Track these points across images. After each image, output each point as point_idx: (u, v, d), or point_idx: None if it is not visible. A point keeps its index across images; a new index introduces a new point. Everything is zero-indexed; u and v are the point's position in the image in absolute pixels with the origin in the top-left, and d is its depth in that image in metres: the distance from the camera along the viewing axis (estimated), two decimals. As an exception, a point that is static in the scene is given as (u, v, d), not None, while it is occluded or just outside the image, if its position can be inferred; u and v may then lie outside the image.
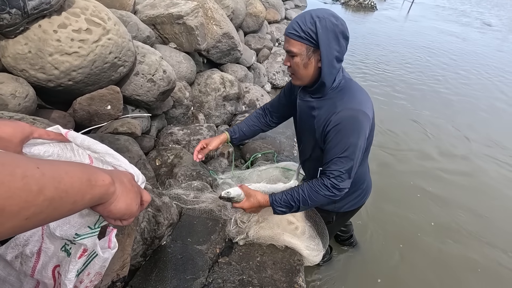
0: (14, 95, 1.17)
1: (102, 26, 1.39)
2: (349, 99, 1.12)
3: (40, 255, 0.68)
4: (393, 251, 2.19)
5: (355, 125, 1.09)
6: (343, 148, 1.11)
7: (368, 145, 1.25)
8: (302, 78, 1.16)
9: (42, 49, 1.25)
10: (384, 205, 2.56)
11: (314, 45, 1.06)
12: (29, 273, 0.68)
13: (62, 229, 0.62)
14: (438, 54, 7.16)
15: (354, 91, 1.15)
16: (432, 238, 2.33)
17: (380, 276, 2.00)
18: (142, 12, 2.40)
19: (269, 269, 1.37)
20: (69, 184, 0.39)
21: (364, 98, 1.15)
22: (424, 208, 2.62)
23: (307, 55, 1.08)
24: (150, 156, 1.82)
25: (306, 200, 1.20)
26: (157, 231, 1.15)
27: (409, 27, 9.90)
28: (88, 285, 0.73)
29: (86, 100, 1.50)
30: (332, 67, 1.09)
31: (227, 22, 2.86)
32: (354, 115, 1.09)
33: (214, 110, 2.61)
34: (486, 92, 5.32)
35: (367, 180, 1.48)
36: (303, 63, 1.10)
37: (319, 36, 1.03)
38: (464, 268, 2.12)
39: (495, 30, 11.25)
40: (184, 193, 1.57)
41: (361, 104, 1.11)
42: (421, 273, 2.05)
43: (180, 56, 2.41)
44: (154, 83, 1.74)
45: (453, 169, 3.19)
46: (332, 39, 1.04)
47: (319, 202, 1.22)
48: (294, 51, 1.08)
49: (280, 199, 1.25)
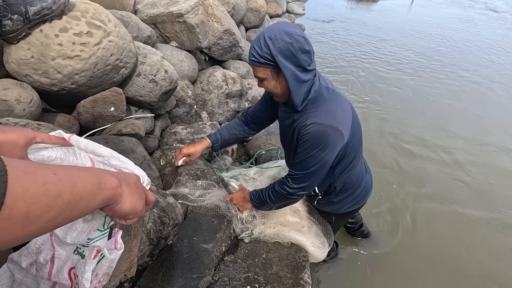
0: (19, 100, 1.19)
1: (102, 28, 1.40)
2: (320, 113, 1.12)
3: (54, 262, 0.70)
4: (404, 245, 2.18)
5: (322, 140, 1.11)
6: (305, 158, 1.16)
7: (352, 148, 1.27)
8: (279, 97, 1.19)
9: (45, 54, 1.26)
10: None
11: (275, 67, 1.06)
12: (46, 277, 0.70)
13: (72, 236, 0.65)
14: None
15: (329, 103, 1.14)
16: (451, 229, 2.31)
17: (388, 271, 2.01)
18: (143, 11, 2.40)
19: (275, 266, 1.38)
20: (82, 188, 0.42)
21: (339, 111, 1.14)
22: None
23: (273, 77, 1.10)
24: (154, 156, 1.84)
25: (270, 196, 1.34)
26: (162, 231, 1.17)
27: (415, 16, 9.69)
28: (96, 285, 0.76)
29: (90, 102, 1.51)
30: (300, 83, 1.09)
31: (227, 18, 2.84)
32: (323, 130, 1.10)
33: (217, 108, 2.62)
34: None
35: (364, 182, 1.48)
36: (272, 85, 1.12)
37: (276, 59, 1.03)
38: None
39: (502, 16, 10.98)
40: (190, 192, 1.59)
41: (334, 118, 1.11)
42: (433, 269, 2.05)
43: (182, 55, 2.41)
44: (156, 84, 1.74)
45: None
46: (290, 57, 1.03)
47: (280, 199, 1.32)
48: (260, 76, 1.11)
49: (255, 194, 1.42)
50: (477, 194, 2.70)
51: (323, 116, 1.11)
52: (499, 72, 5.48)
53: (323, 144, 1.11)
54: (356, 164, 1.39)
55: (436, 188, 2.73)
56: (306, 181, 1.23)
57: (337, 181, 1.39)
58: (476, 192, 2.73)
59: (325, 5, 9.48)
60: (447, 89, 4.69)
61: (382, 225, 2.33)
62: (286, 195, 1.28)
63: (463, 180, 2.86)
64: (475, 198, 2.66)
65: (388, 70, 5.26)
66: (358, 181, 1.44)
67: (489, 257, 2.14)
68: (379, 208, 2.46)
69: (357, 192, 1.46)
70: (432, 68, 5.43)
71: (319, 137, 1.11)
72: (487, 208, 2.56)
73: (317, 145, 1.12)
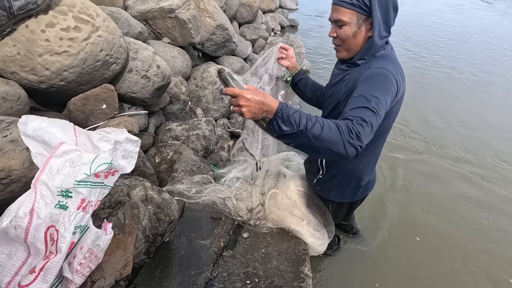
0: (5, 98, 1.15)
1: (91, 23, 1.36)
2: (386, 63, 1.08)
3: (33, 216, 0.68)
4: (403, 240, 2.18)
5: (385, 81, 1.02)
6: (370, 100, 0.96)
7: (385, 127, 1.16)
8: (350, 48, 1.14)
9: (31, 50, 1.22)
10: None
11: (366, 13, 1.05)
12: (23, 236, 0.68)
13: (58, 180, 0.65)
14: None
15: (393, 62, 1.11)
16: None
17: (386, 268, 2.00)
18: (133, 7, 2.36)
19: (274, 260, 1.36)
20: None
21: (400, 71, 1.10)
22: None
23: (358, 24, 1.07)
24: (149, 153, 1.81)
25: (319, 130, 0.88)
26: (158, 228, 1.14)
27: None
28: (82, 262, 0.74)
29: (81, 100, 1.47)
30: (383, 35, 1.08)
31: (220, 13, 2.80)
32: (386, 73, 1.04)
33: (212, 104, 2.59)
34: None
35: (370, 174, 1.39)
36: (352, 32, 1.08)
37: (372, 4, 1.02)
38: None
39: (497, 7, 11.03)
40: (186, 188, 1.56)
41: (396, 72, 1.06)
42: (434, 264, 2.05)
43: (175, 51, 2.38)
44: (148, 79, 1.71)
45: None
46: (383, 7, 1.04)
47: (330, 143, 0.89)
48: (344, 20, 1.07)
49: (291, 111, 0.90)
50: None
51: (386, 65, 1.07)
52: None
53: (384, 82, 1.01)
54: (376, 148, 1.27)
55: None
56: (373, 127, 0.93)
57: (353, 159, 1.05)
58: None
59: (318, 0, 9.45)
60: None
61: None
62: (349, 141, 0.89)
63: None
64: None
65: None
66: (365, 170, 1.34)
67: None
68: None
69: (360, 181, 1.37)
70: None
71: (383, 78, 1.03)
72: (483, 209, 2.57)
73: (381, 86, 1.00)
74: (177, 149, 1.80)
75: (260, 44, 4.11)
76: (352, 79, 1.11)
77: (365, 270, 1.96)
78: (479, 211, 2.42)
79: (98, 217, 0.97)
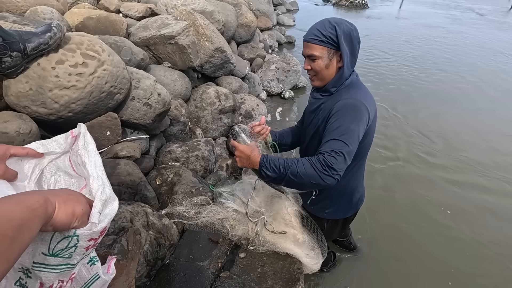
0: (18, 132, 1.25)
1: (97, 58, 1.47)
2: (354, 93, 1.22)
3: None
4: (397, 254, 2.23)
5: (356, 112, 1.16)
6: (341, 131, 1.12)
7: (365, 147, 1.31)
8: (324, 78, 1.27)
9: (42, 86, 1.33)
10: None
11: (334, 47, 1.19)
12: None
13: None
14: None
15: (361, 88, 1.26)
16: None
17: (383, 280, 2.05)
18: (136, 34, 2.49)
19: (270, 279, 1.42)
20: (18, 218, 0.43)
21: (368, 96, 1.25)
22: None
23: (329, 57, 1.21)
24: (150, 175, 1.89)
25: (296, 169, 1.09)
26: (159, 252, 1.21)
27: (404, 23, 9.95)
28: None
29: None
30: (350, 66, 1.23)
31: (218, 37, 2.94)
32: (356, 104, 1.18)
33: (211, 124, 2.69)
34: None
35: (359, 189, 1.53)
36: (325, 64, 1.22)
37: (339, 39, 1.16)
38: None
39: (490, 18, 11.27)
40: (185, 210, 1.64)
41: (365, 99, 1.21)
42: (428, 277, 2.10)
43: (175, 75, 2.49)
44: (150, 106, 1.81)
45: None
46: (348, 42, 1.18)
47: (308, 178, 1.08)
48: (316, 55, 1.20)
49: (271, 161, 1.14)
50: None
51: (355, 95, 1.21)
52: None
53: (354, 113, 1.16)
54: (357, 171, 1.42)
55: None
56: (346, 156, 1.09)
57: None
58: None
59: (315, 15, 9.72)
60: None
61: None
62: (324, 174, 1.06)
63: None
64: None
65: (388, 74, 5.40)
66: (354, 187, 1.47)
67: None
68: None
69: (351, 198, 1.49)
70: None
71: (354, 110, 1.16)
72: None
73: (353, 118, 1.14)
74: (177, 171, 1.88)
75: (258, 62, 4.25)
76: (327, 109, 1.25)
77: (360, 286, 2.01)
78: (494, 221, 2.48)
79: (103, 244, 1.05)
